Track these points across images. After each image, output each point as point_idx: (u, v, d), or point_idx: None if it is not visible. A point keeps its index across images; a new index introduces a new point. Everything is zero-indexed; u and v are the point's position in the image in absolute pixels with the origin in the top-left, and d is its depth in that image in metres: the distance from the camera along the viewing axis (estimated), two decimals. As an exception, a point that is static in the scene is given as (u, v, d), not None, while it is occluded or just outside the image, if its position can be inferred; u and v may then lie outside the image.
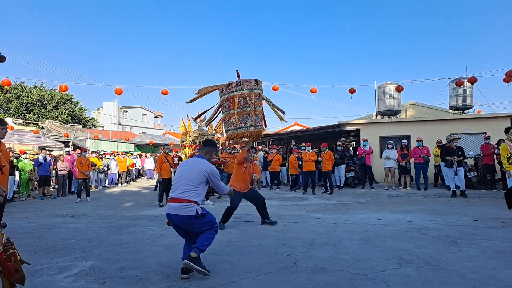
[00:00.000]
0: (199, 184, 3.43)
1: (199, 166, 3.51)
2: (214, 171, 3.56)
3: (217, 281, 3.26)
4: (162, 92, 15.26)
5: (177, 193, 3.40)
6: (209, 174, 3.47)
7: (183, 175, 3.47)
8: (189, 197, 3.34)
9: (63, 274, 3.59)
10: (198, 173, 3.44)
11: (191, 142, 11.84)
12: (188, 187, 3.38)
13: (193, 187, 3.39)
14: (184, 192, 3.36)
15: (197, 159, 3.65)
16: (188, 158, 9.59)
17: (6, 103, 32.10)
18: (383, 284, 3.10)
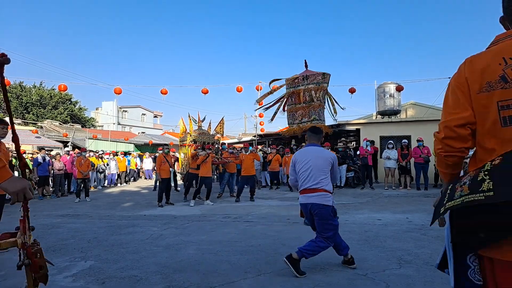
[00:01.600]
0: (328, 173, 3.44)
1: (323, 154, 3.48)
2: (336, 157, 3.60)
3: (217, 281, 3.25)
4: (162, 92, 15.26)
5: (311, 183, 3.37)
6: (333, 160, 3.48)
7: (311, 165, 3.41)
8: (325, 187, 3.36)
9: (63, 274, 3.58)
10: (324, 161, 3.42)
11: (191, 141, 11.84)
12: (322, 177, 3.38)
13: (326, 176, 3.40)
14: (320, 182, 3.36)
15: (315, 148, 3.58)
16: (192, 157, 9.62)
17: (5, 103, 32.05)
18: (383, 284, 3.09)
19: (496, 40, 1.24)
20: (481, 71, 1.17)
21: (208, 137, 12.23)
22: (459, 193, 1.10)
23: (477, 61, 1.20)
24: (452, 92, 1.25)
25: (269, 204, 8.65)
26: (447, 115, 1.23)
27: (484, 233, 1.07)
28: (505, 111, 1.11)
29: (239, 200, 9.36)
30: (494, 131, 1.14)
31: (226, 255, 4.14)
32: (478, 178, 1.08)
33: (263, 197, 10.10)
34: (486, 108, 1.15)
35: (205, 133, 12.30)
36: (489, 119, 1.14)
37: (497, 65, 1.14)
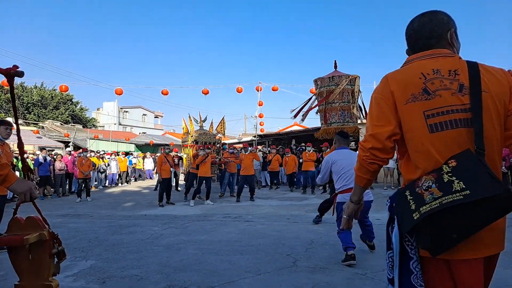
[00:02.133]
0: None
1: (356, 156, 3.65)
2: None
3: (217, 281, 3.27)
4: (163, 92, 15.31)
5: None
6: None
7: (350, 166, 3.67)
8: None
9: (63, 273, 3.60)
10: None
11: (193, 142, 11.86)
12: None
13: None
14: None
15: (347, 151, 3.95)
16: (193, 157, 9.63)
17: (6, 103, 32.12)
18: (383, 284, 3.11)
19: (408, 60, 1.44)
20: (405, 85, 1.31)
21: (209, 137, 12.26)
22: (430, 197, 1.13)
23: (400, 76, 1.35)
24: (378, 105, 1.35)
25: (269, 204, 8.67)
26: (374, 127, 1.34)
27: (456, 234, 1.12)
28: (431, 119, 1.25)
29: (239, 200, 9.38)
30: (424, 137, 1.26)
31: (226, 254, 4.16)
32: (445, 180, 1.14)
33: (263, 197, 10.12)
34: (414, 117, 1.28)
35: (206, 133, 12.32)
36: (418, 127, 1.27)
37: (418, 79, 1.30)
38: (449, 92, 1.26)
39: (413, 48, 1.47)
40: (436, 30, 1.40)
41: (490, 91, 1.26)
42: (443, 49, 1.39)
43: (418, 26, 1.44)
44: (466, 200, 1.07)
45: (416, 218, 1.13)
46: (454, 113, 1.24)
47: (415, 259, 1.24)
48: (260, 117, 19.39)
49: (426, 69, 1.32)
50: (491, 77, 1.29)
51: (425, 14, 1.45)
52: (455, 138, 1.23)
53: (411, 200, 1.18)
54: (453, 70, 1.30)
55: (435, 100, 1.26)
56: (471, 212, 1.09)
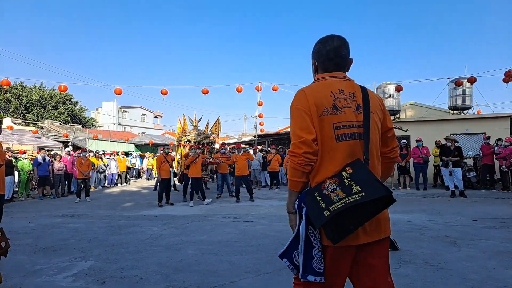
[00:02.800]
0: None
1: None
2: None
3: (217, 281, 3.26)
4: (162, 92, 15.28)
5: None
6: None
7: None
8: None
9: (63, 274, 3.59)
10: None
11: (186, 141, 11.81)
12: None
13: None
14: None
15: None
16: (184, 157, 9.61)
17: (5, 103, 32.06)
18: (383, 284, 3.10)
19: (318, 78, 1.67)
20: (320, 100, 1.54)
21: (203, 137, 12.21)
22: (336, 197, 1.38)
23: (316, 91, 1.57)
24: (300, 115, 1.54)
25: (269, 204, 8.66)
26: (302, 134, 1.51)
27: (353, 225, 1.41)
28: (338, 130, 1.51)
29: (239, 200, 9.36)
30: (331, 146, 1.51)
31: (226, 255, 4.15)
32: (346, 184, 1.39)
33: (263, 197, 10.11)
34: (325, 128, 1.52)
35: (201, 133, 12.28)
36: (328, 136, 1.51)
37: (329, 96, 1.55)
38: (350, 110, 1.54)
39: (323, 65, 1.68)
40: (345, 55, 1.68)
41: (375, 112, 1.60)
42: (344, 73, 1.69)
43: (334, 48, 1.66)
44: (363, 200, 1.33)
45: (327, 215, 1.35)
46: (353, 128, 1.52)
47: (316, 247, 1.48)
48: (260, 117, 19.37)
49: (334, 89, 1.58)
50: (374, 101, 1.63)
51: (337, 37, 1.68)
52: (352, 147, 1.51)
53: (321, 200, 1.40)
54: (352, 92, 1.59)
55: (341, 115, 1.52)
56: (363, 208, 1.39)
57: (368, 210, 1.41)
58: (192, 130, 12.10)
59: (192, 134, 11.88)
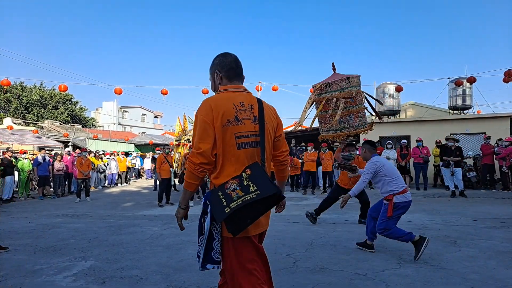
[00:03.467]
0: None
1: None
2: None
3: (217, 281, 3.25)
4: (162, 92, 15.27)
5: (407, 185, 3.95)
6: None
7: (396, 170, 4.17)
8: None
9: (63, 274, 3.59)
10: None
11: (185, 141, 11.78)
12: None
13: None
14: None
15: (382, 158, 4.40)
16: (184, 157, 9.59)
17: (5, 103, 32.06)
18: (383, 284, 3.10)
19: (221, 90, 1.86)
20: (223, 111, 1.71)
21: None
22: (236, 196, 1.59)
23: (221, 103, 1.74)
24: (203, 126, 1.71)
25: (269, 204, 8.65)
26: (201, 146, 1.69)
27: (250, 220, 1.62)
28: (239, 139, 1.72)
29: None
30: (233, 152, 1.72)
31: (226, 255, 4.14)
32: (244, 184, 1.62)
33: (263, 197, 10.10)
34: (228, 137, 1.71)
35: None
36: (230, 144, 1.72)
37: (232, 109, 1.74)
38: (249, 121, 1.76)
39: (228, 74, 1.88)
40: (242, 70, 1.93)
41: (268, 122, 1.84)
42: (243, 85, 1.91)
43: (234, 63, 1.89)
44: (258, 198, 1.56)
45: (228, 212, 1.56)
46: (251, 137, 1.76)
47: (217, 239, 1.69)
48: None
49: (236, 101, 1.77)
50: (269, 112, 1.87)
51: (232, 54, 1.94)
52: (251, 153, 1.75)
53: (223, 198, 1.60)
54: (250, 105, 1.81)
55: (242, 126, 1.74)
56: (259, 204, 1.60)
57: (262, 206, 1.65)
58: (191, 130, 12.08)
59: (192, 134, 11.85)
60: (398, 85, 14.03)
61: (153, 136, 33.46)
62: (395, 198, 3.92)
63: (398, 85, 14.03)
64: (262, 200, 1.58)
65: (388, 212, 3.93)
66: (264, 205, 1.65)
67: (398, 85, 14.02)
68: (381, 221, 3.99)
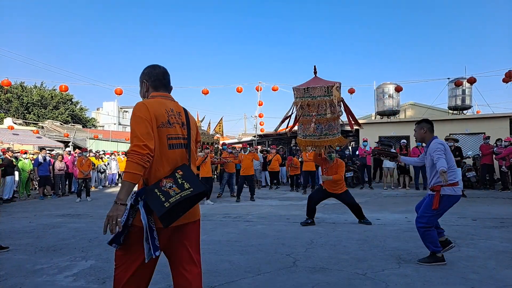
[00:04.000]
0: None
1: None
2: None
3: (217, 281, 3.27)
4: (162, 92, 15.26)
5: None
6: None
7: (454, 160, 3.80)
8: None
9: (63, 273, 3.60)
10: None
11: None
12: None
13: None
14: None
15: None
16: None
17: (6, 103, 32.06)
18: (382, 284, 3.11)
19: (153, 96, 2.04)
20: (159, 114, 1.89)
21: (207, 137, 12.23)
22: (174, 192, 1.78)
23: (155, 106, 1.91)
24: (144, 123, 1.84)
25: (269, 204, 8.67)
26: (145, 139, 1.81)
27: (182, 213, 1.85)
28: (170, 140, 1.91)
29: (239, 199, 9.38)
30: (164, 152, 1.89)
31: (226, 254, 4.15)
32: (179, 182, 1.82)
33: (263, 197, 10.12)
34: (161, 137, 1.89)
35: (204, 133, 12.29)
36: (163, 144, 1.89)
37: (165, 113, 1.93)
38: (179, 125, 1.98)
39: (154, 84, 2.07)
40: (169, 80, 2.14)
41: (192, 129, 2.07)
42: (170, 95, 2.11)
43: (162, 73, 2.09)
44: (192, 194, 1.79)
45: (167, 206, 1.74)
46: (180, 139, 1.96)
47: (155, 230, 1.86)
48: (260, 117, 19.37)
49: (167, 107, 1.97)
50: (192, 120, 2.11)
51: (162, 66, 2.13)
52: (179, 154, 1.94)
53: (161, 195, 1.78)
54: (178, 112, 2.03)
55: (173, 129, 1.93)
56: (190, 199, 1.82)
57: (191, 202, 1.87)
58: None
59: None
60: (397, 85, 14.03)
61: (153, 136, 33.39)
62: (443, 190, 3.58)
63: (397, 85, 14.03)
64: (194, 196, 1.82)
65: (434, 204, 3.55)
66: (192, 201, 1.88)
67: (398, 85, 14.03)
68: (423, 215, 3.62)
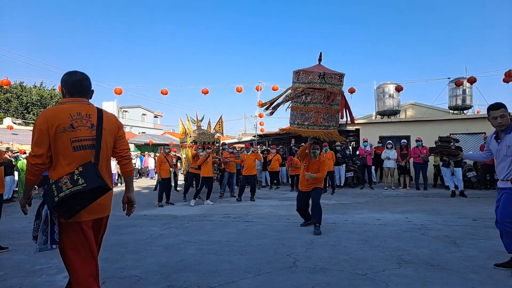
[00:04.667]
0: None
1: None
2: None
3: (217, 281, 3.26)
4: (162, 92, 15.27)
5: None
6: None
7: None
8: None
9: (63, 274, 3.59)
10: None
11: (191, 142, 11.82)
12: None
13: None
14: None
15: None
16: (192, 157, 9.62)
17: (5, 102, 32.04)
18: (383, 284, 3.10)
19: (62, 102, 2.28)
20: (59, 121, 2.11)
21: (208, 136, 12.21)
22: (66, 187, 1.96)
23: (56, 114, 2.13)
24: (39, 133, 2.09)
25: (269, 204, 8.66)
26: (37, 149, 2.08)
27: (79, 206, 2.03)
28: (74, 143, 2.12)
29: (240, 199, 9.37)
30: (69, 154, 2.12)
31: (226, 255, 4.15)
32: (75, 178, 2.00)
33: (263, 197, 10.12)
34: (64, 142, 2.10)
35: (204, 133, 12.28)
36: (66, 147, 2.11)
37: (68, 118, 2.13)
38: (86, 128, 2.17)
39: (69, 91, 2.29)
40: (87, 86, 2.34)
41: (107, 128, 2.26)
42: (85, 99, 2.31)
43: (78, 81, 2.30)
44: (84, 189, 1.97)
45: (57, 200, 1.95)
46: (87, 141, 2.16)
47: (56, 224, 2.06)
48: (260, 117, 19.35)
49: (73, 112, 2.17)
50: (108, 119, 2.30)
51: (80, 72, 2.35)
52: (85, 155, 2.15)
53: (55, 190, 1.98)
54: (89, 114, 2.22)
55: (77, 132, 2.13)
56: (87, 194, 2.01)
57: (90, 196, 2.05)
58: (195, 131, 12.11)
59: (196, 134, 11.89)
60: (398, 85, 14.03)
61: (153, 136, 33.46)
62: None
63: (398, 85, 14.03)
64: (88, 191, 1.99)
65: None
66: (92, 196, 2.05)
67: (398, 85, 14.02)
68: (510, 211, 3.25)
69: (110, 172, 2.35)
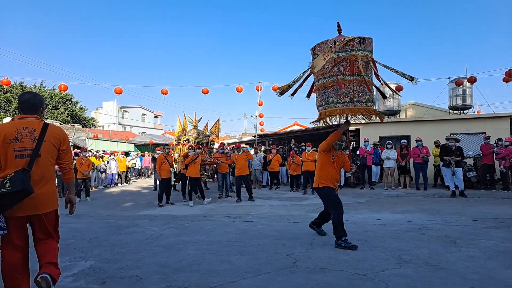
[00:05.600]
0: None
1: None
2: None
3: (217, 281, 3.26)
4: (162, 92, 15.27)
5: None
6: None
7: None
8: None
9: (63, 274, 3.59)
10: None
11: (185, 140, 11.76)
12: None
13: None
14: None
15: None
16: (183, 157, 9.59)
17: (5, 102, 32.04)
18: (382, 284, 3.10)
19: (14, 118, 2.70)
20: (8, 133, 2.56)
21: (202, 137, 12.18)
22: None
23: (7, 128, 2.58)
24: None
25: (269, 204, 8.66)
26: None
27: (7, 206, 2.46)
28: (17, 152, 2.55)
29: (240, 200, 9.36)
30: (11, 161, 2.54)
31: (226, 255, 4.15)
32: (4, 181, 2.40)
33: (263, 197, 10.11)
34: (10, 151, 2.54)
35: (200, 133, 12.26)
36: (11, 155, 2.54)
37: (14, 132, 2.57)
38: (28, 140, 2.59)
39: (20, 109, 2.73)
40: (35, 104, 2.74)
41: (48, 140, 2.66)
42: (35, 115, 2.71)
43: (27, 99, 2.72)
44: (8, 191, 2.37)
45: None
46: (27, 151, 2.57)
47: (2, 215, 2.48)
48: (260, 117, 19.35)
49: (20, 126, 2.60)
50: (52, 133, 2.69)
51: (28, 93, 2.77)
52: (24, 162, 2.54)
53: None
54: (33, 129, 2.63)
55: (20, 143, 2.56)
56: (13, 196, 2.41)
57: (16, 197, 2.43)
58: (191, 130, 12.07)
59: (192, 134, 11.86)
60: (398, 85, 14.02)
61: (153, 136, 33.45)
62: None
63: (398, 85, 14.02)
64: (13, 193, 2.37)
65: None
66: (17, 197, 2.42)
67: (398, 85, 14.01)
68: None
69: (48, 177, 2.72)
